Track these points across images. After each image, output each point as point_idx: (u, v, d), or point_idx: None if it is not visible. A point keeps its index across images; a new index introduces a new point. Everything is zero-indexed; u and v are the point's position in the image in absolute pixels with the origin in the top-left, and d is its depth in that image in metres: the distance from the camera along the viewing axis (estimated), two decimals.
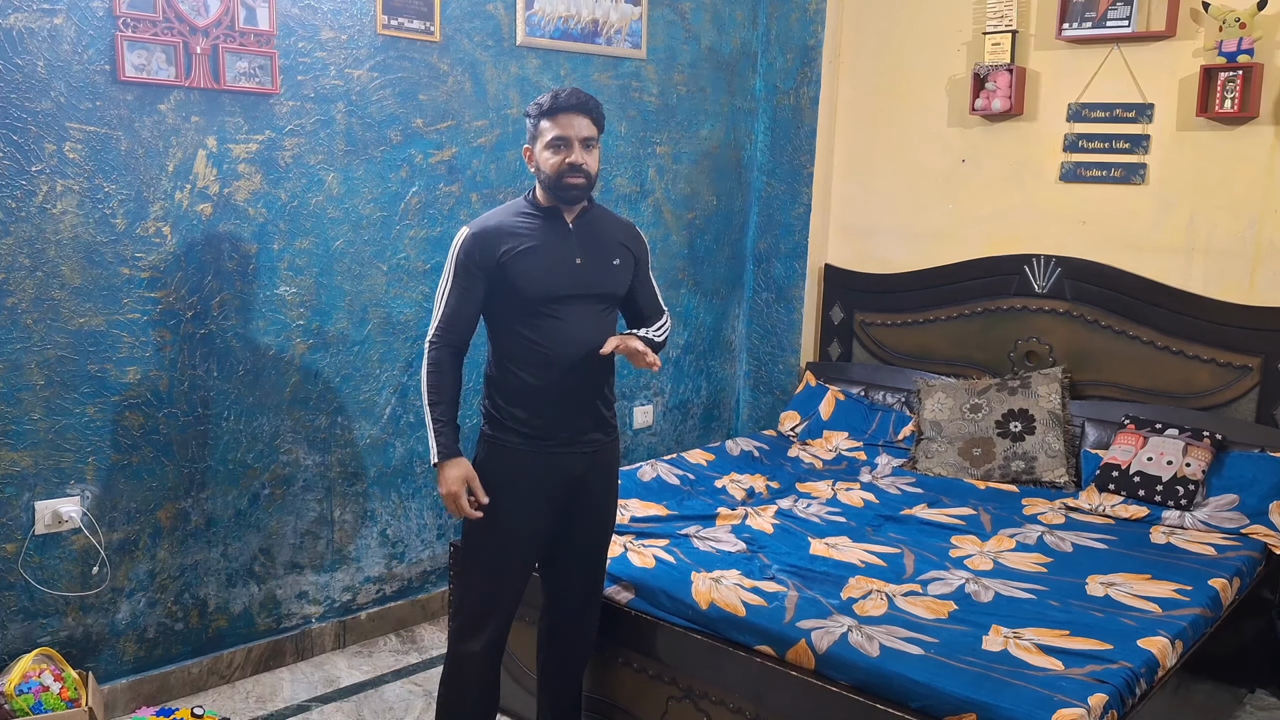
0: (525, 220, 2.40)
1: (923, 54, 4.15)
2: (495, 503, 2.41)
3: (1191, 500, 3.30)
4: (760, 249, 4.60)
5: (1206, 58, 3.48)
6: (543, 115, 2.35)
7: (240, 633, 3.25)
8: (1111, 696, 2.20)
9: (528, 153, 2.41)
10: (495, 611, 2.46)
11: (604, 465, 2.52)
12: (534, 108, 2.38)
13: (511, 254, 2.35)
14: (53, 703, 2.61)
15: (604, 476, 2.52)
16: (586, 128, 2.35)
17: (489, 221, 2.40)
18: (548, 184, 2.37)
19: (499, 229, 2.38)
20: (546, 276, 2.35)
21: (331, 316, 3.30)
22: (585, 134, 2.35)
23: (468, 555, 2.49)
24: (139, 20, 2.77)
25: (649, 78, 4.09)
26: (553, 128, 2.33)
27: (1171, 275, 3.63)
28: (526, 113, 2.41)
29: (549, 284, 2.35)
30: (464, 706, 2.53)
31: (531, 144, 2.39)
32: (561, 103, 2.33)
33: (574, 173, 2.34)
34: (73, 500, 2.84)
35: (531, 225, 2.39)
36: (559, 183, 2.35)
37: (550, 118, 2.34)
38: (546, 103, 2.34)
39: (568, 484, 2.45)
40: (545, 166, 2.35)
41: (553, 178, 2.35)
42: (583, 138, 2.34)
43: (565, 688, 2.66)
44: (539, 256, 2.36)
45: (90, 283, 2.80)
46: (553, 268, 2.37)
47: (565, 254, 2.39)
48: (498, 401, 2.42)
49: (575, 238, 2.42)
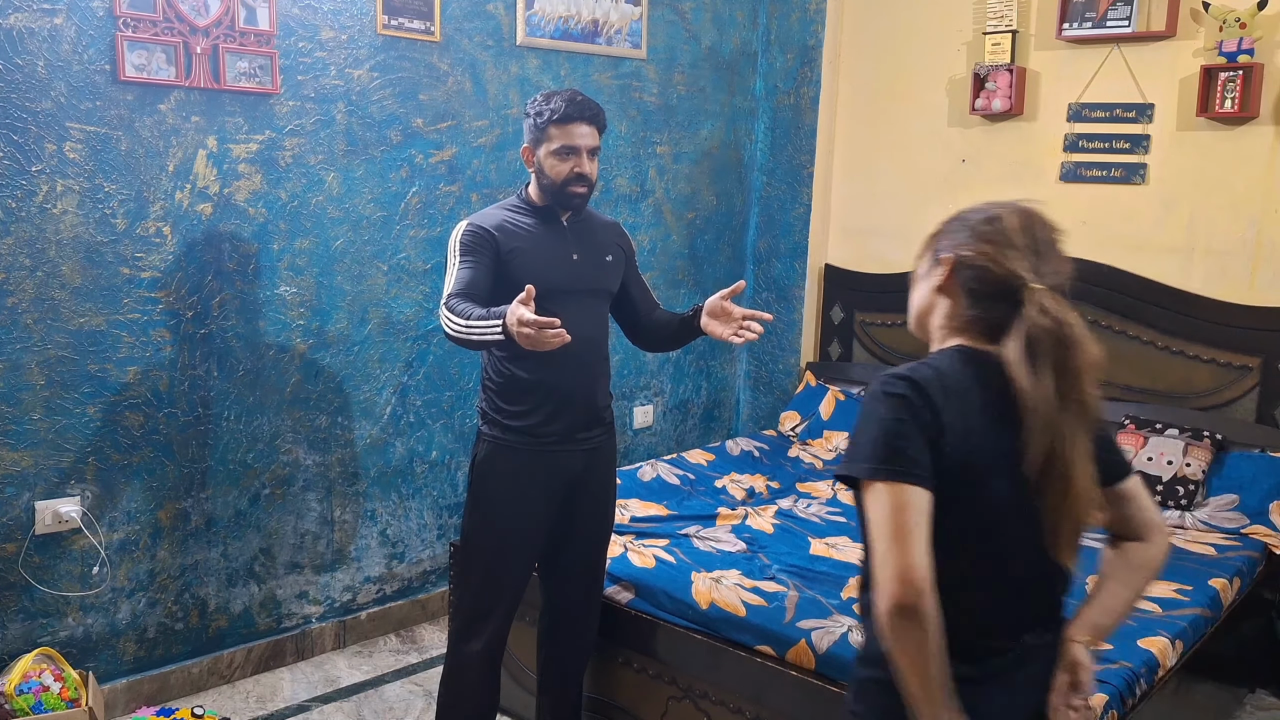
0: (521, 218, 2.41)
1: (923, 54, 4.15)
2: (495, 502, 2.41)
3: (1191, 500, 3.30)
4: (760, 249, 4.60)
5: (1207, 58, 3.47)
6: (552, 122, 2.33)
7: (240, 633, 3.25)
8: (1111, 696, 2.20)
9: (527, 153, 2.40)
10: (495, 611, 2.46)
11: (602, 462, 2.52)
12: (543, 111, 2.34)
13: (512, 250, 2.35)
14: (53, 703, 2.61)
15: (602, 474, 2.53)
16: (593, 137, 2.36)
17: (487, 217, 2.40)
18: (550, 189, 2.38)
19: (498, 225, 2.38)
20: (546, 272, 2.36)
21: (331, 316, 3.30)
22: (591, 144, 2.36)
23: (468, 555, 2.49)
24: (139, 20, 2.77)
25: (649, 78, 4.09)
26: (562, 136, 2.32)
27: (1171, 275, 3.63)
28: (529, 112, 2.38)
29: (548, 280, 2.35)
30: (464, 707, 2.53)
31: (534, 146, 2.38)
32: (573, 112, 2.32)
33: (580, 182, 2.36)
34: (73, 500, 2.84)
35: (528, 223, 2.40)
36: (563, 190, 2.36)
37: (560, 125, 2.32)
38: (559, 110, 2.32)
39: (567, 482, 2.45)
40: (550, 172, 2.35)
41: (557, 184, 2.36)
42: (590, 148, 2.35)
43: (565, 687, 2.66)
44: (538, 253, 2.37)
45: (90, 283, 2.80)
46: (551, 264, 2.38)
47: (563, 251, 2.41)
48: (496, 401, 2.43)
49: (570, 235, 2.43)
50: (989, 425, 1.39)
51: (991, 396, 1.40)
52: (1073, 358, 1.37)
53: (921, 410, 1.36)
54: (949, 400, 1.38)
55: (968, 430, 1.38)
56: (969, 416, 1.39)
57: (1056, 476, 1.38)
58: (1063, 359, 1.37)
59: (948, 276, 1.48)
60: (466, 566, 2.49)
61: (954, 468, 1.36)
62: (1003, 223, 1.44)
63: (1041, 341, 1.37)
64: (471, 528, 2.47)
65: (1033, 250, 1.41)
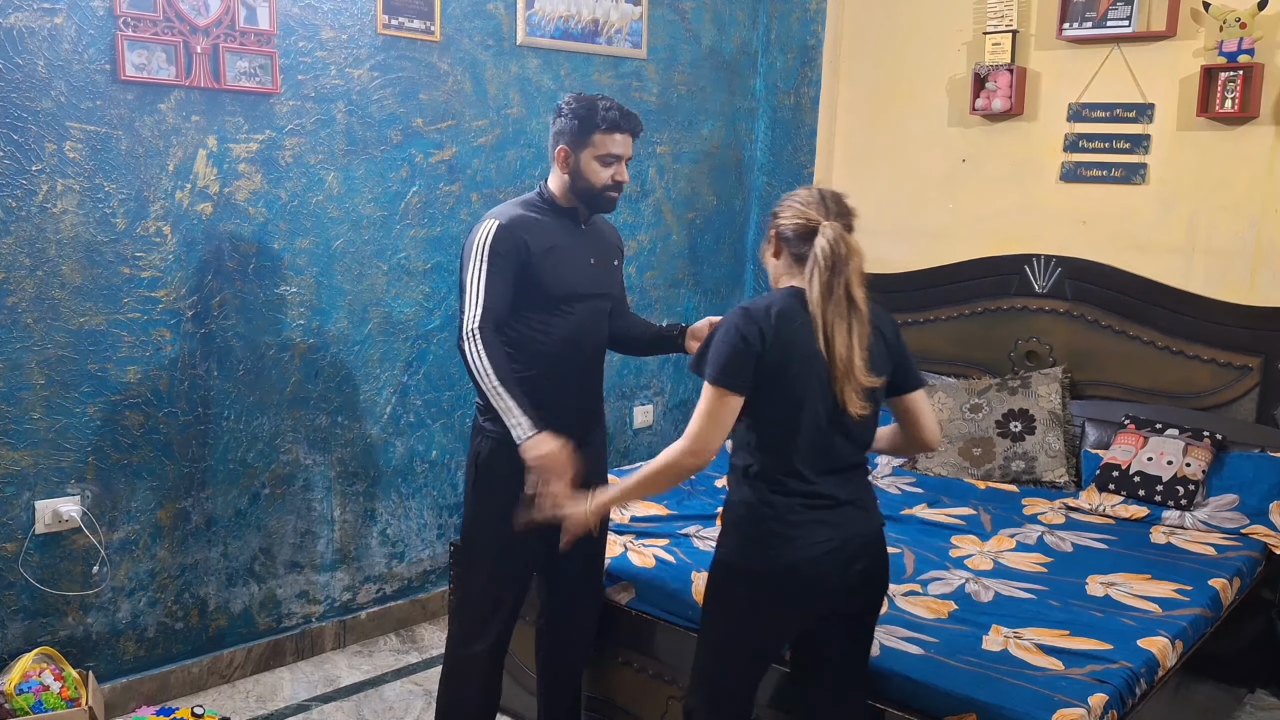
0: (544, 218, 2.41)
1: (923, 54, 4.15)
2: (500, 500, 2.41)
3: (1192, 500, 3.30)
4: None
5: (1207, 58, 3.48)
6: (600, 129, 2.34)
7: (240, 632, 3.25)
8: (1111, 696, 2.20)
9: (565, 153, 2.37)
10: (500, 611, 2.46)
11: (599, 460, 2.56)
12: (591, 116, 2.34)
13: (540, 250, 2.36)
14: (53, 702, 2.61)
15: (599, 471, 2.56)
16: (632, 148, 2.42)
17: (514, 215, 2.39)
18: (586, 192, 2.39)
19: (524, 223, 2.37)
20: (570, 275, 2.39)
21: (331, 316, 3.30)
22: (630, 154, 2.42)
23: (471, 557, 2.48)
24: (139, 20, 2.77)
25: (649, 78, 4.09)
26: (610, 144, 2.35)
27: (1172, 275, 3.63)
28: (569, 113, 2.36)
29: (572, 282, 2.39)
30: (466, 708, 2.53)
31: (574, 148, 2.36)
32: (624, 124, 2.36)
33: (617, 189, 2.41)
34: (73, 500, 2.84)
35: (552, 224, 2.41)
36: (600, 194, 2.40)
37: (610, 133, 2.35)
38: (610, 120, 2.34)
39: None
40: (591, 177, 2.37)
41: (595, 189, 2.38)
42: (629, 157, 2.42)
43: (565, 688, 2.66)
44: (562, 255, 2.39)
45: (90, 282, 2.80)
46: (574, 267, 2.41)
47: (582, 254, 2.44)
48: None
49: (587, 239, 2.46)
50: (803, 333, 1.94)
51: (806, 315, 1.94)
52: (843, 265, 1.90)
53: (753, 334, 1.93)
54: (776, 321, 1.93)
55: (789, 340, 1.94)
56: (791, 330, 1.94)
57: (835, 355, 1.91)
58: (837, 266, 1.90)
59: (776, 242, 2.03)
60: (469, 566, 2.49)
61: (776, 364, 1.94)
62: (803, 195, 2.01)
63: (826, 256, 1.90)
64: (475, 526, 2.47)
65: (824, 205, 1.98)
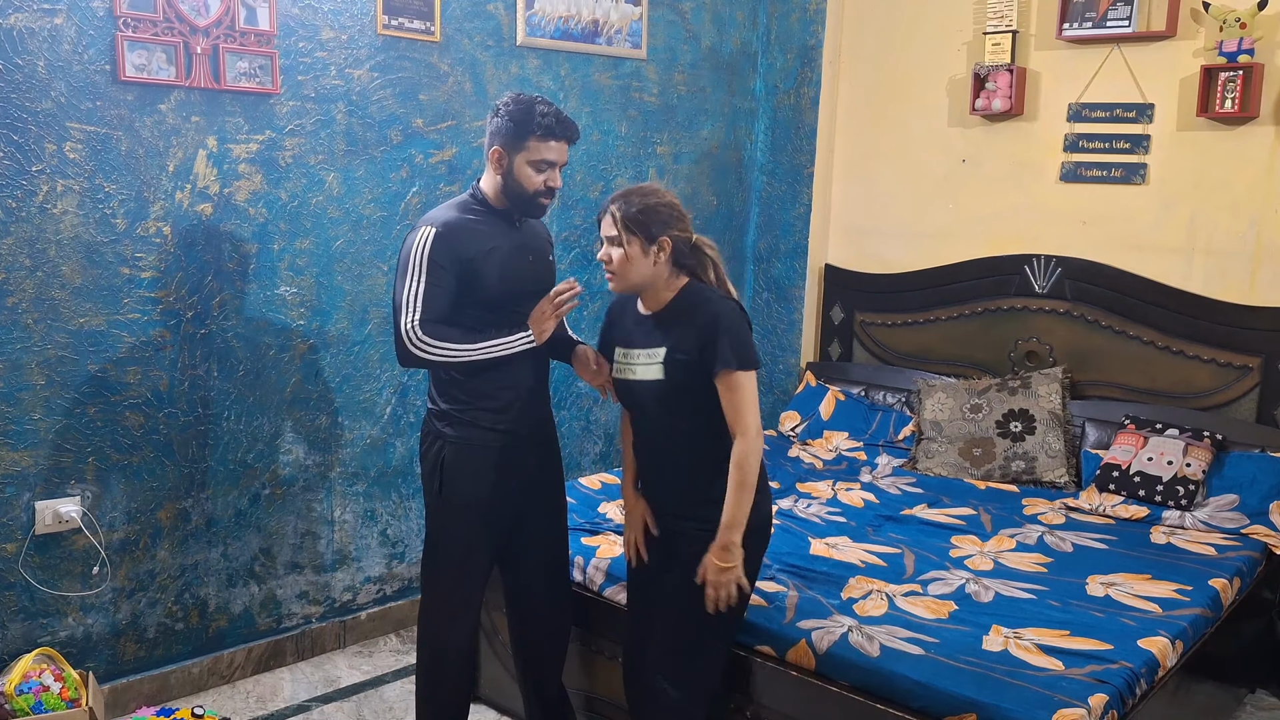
0: (480, 220, 2.42)
1: (923, 54, 4.15)
2: (468, 503, 2.46)
3: (1192, 500, 3.30)
4: (760, 249, 4.60)
5: (1207, 58, 3.47)
6: (536, 134, 2.34)
7: (240, 633, 3.25)
8: (1112, 697, 2.20)
9: (499, 155, 2.38)
10: (470, 606, 2.53)
11: (553, 455, 2.62)
12: (527, 120, 2.34)
13: (480, 254, 2.37)
14: (53, 703, 2.61)
15: (554, 467, 2.63)
16: (567, 154, 2.42)
17: (450, 218, 2.39)
18: (520, 196, 2.41)
19: (462, 227, 2.38)
20: (513, 274, 2.42)
21: (331, 316, 3.30)
22: (565, 160, 2.42)
23: (437, 557, 2.53)
24: (139, 20, 2.77)
25: (649, 78, 4.09)
26: (544, 150, 2.36)
27: (1172, 275, 3.63)
28: (505, 115, 2.36)
29: (514, 282, 2.42)
30: (447, 697, 2.58)
31: (509, 151, 2.36)
32: (560, 131, 2.36)
33: (549, 195, 2.42)
34: (73, 500, 2.84)
35: (488, 225, 2.42)
36: (532, 200, 2.41)
37: (545, 140, 2.35)
38: (546, 127, 2.34)
39: (524, 476, 2.51)
40: (525, 182, 2.38)
41: (527, 194, 2.40)
42: (563, 163, 2.42)
43: (546, 675, 2.69)
44: (503, 256, 2.41)
45: (90, 283, 2.80)
46: (516, 266, 2.43)
47: (521, 254, 2.46)
48: (460, 401, 2.43)
49: (523, 237, 2.48)
50: None
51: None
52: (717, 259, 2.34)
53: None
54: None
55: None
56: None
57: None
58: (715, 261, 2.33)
59: (670, 251, 2.26)
60: (436, 568, 2.53)
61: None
62: (679, 206, 2.29)
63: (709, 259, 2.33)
64: (441, 531, 2.51)
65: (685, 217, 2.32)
